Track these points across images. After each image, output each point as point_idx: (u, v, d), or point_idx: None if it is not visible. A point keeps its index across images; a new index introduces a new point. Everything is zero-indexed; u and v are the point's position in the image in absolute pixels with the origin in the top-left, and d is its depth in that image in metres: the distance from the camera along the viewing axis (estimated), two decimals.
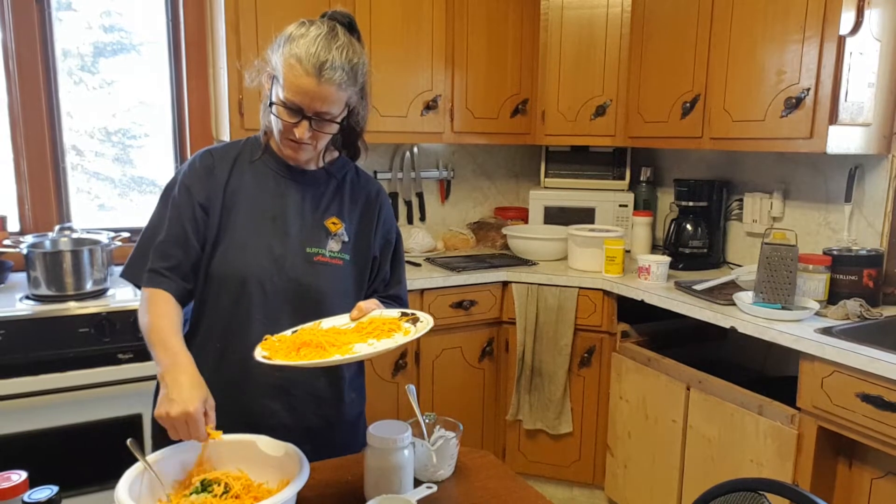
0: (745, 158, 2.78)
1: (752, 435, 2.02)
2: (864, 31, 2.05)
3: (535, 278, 2.66)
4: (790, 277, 2.06)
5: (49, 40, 2.50)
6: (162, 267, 1.29)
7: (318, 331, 1.19)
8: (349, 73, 1.23)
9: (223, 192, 1.33)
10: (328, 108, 1.23)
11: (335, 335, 1.16)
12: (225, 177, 1.34)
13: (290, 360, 1.07)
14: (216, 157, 1.37)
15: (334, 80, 1.20)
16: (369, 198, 1.45)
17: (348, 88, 1.25)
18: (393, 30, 2.67)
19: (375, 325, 1.20)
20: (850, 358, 1.73)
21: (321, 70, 1.19)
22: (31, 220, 2.52)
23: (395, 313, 1.25)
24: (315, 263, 1.34)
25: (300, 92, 1.20)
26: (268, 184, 1.36)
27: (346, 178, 1.44)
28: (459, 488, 1.20)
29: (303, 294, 1.33)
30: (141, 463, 1.02)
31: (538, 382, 2.71)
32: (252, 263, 1.30)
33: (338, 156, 1.44)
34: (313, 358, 1.07)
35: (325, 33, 1.22)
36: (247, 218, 1.33)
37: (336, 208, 1.40)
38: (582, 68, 2.90)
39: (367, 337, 1.15)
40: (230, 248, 1.31)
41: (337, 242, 1.37)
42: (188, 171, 1.35)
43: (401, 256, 1.53)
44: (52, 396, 2.00)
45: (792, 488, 1.15)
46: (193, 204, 1.31)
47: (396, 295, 1.50)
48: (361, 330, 1.19)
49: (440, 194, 3.30)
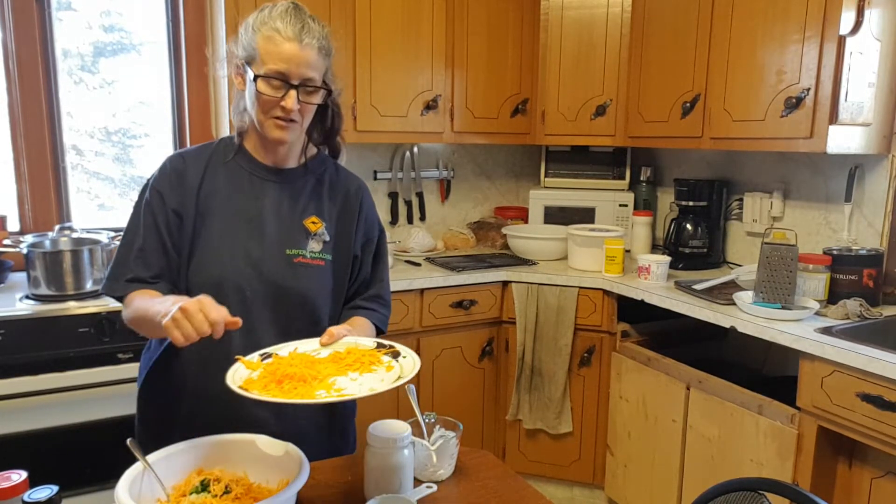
0: (745, 158, 2.78)
1: (752, 435, 2.02)
2: (864, 31, 2.05)
3: (535, 278, 2.66)
4: (790, 277, 2.06)
5: (49, 40, 2.50)
6: (147, 276, 1.26)
7: (296, 359, 1.13)
8: (326, 41, 1.26)
9: (196, 198, 1.30)
10: (311, 73, 1.23)
11: (313, 365, 1.10)
12: (197, 181, 1.31)
13: (273, 396, 1.01)
14: (188, 161, 1.33)
15: (314, 45, 1.22)
16: (349, 195, 1.41)
17: (325, 57, 1.26)
18: (393, 30, 2.67)
19: (354, 356, 1.14)
20: (850, 358, 1.73)
21: (301, 34, 1.21)
22: (31, 219, 2.52)
23: (370, 343, 1.20)
24: (295, 265, 1.31)
25: (283, 59, 1.21)
26: (242, 185, 1.33)
27: (324, 175, 1.40)
28: (459, 488, 1.20)
29: (283, 298, 1.30)
30: (141, 463, 1.02)
31: (538, 382, 2.71)
32: (229, 268, 1.27)
33: (317, 152, 1.41)
34: (297, 394, 1.02)
35: (292, 7, 1.25)
36: (222, 221, 1.29)
37: (315, 207, 1.36)
38: (582, 68, 2.90)
39: (347, 369, 1.11)
40: (206, 254, 1.28)
41: (318, 242, 1.34)
42: (159, 177, 1.32)
43: (383, 255, 1.48)
44: (52, 396, 2.00)
45: (792, 488, 1.15)
46: (167, 210, 1.28)
47: (377, 294, 1.45)
48: (339, 361, 1.13)
49: (440, 194, 3.30)
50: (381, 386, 1.05)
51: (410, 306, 2.56)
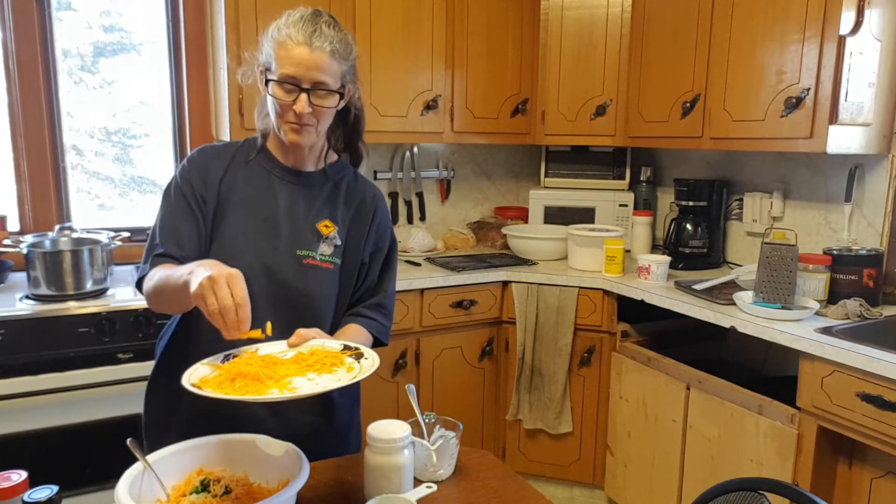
0: (745, 158, 2.78)
1: (752, 435, 2.02)
2: (864, 31, 2.05)
3: (535, 278, 2.66)
4: (790, 277, 2.06)
5: (49, 40, 2.50)
6: (178, 254, 1.27)
7: (256, 359, 1.12)
8: (340, 44, 1.25)
9: (218, 190, 1.33)
10: (323, 76, 1.23)
11: (273, 365, 1.09)
12: (220, 173, 1.34)
13: (222, 393, 0.99)
14: (213, 153, 1.37)
15: (325, 48, 1.22)
16: (364, 202, 1.43)
17: (341, 61, 1.26)
18: (393, 30, 2.67)
19: (317, 357, 1.13)
20: (850, 357, 1.73)
21: (311, 38, 1.22)
22: (31, 219, 2.52)
23: (337, 346, 1.19)
24: (305, 267, 1.33)
25: (294, 63, 1.22)
26: (261, 184, 1.35)
27: (342, 182, 1.43)
28: (459, 488, 1.20)
29: (289, 298, 1.31)
30: (141, 463, 1.02)
31: (538, 382, 2.71)
32: (241, 265, 1.26)
33: (337, 159, 1.44)
34: (248, 391, 1.01)
35: (311, 13, 1.26)
36: (238, 218, 1.32)
37: (329, 211, 1.38)
38: (582, 68, 2.90)
39: (308, 370, 1.09)
40: (221, 248, 1.30)
41: (329, 246, 1.36)
42: (187, 166, 1.35)
43: (392, 265, 1.49)
44: (52, 396, 2.00)
45: (792, 488, 1.15)
46: (196, 196, 1.31)
47: (379, 304, 1.45)
48: (301, 361, 1.12)
49: (440, 194, 3.30)
50: (335, 384, 1.03)
51: (410, 306, 2.56)
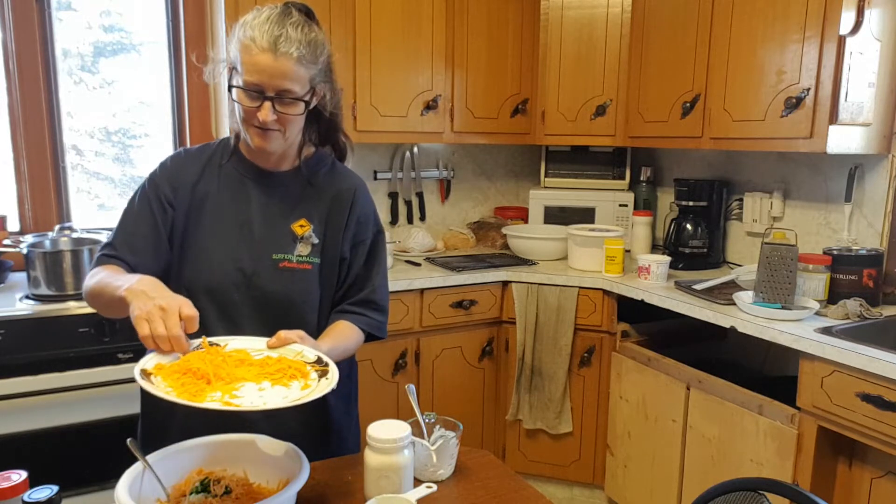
0: (745, 158, 2.78)
1: (752, 435, 2.02)
2: (864, 31, 2.05)
3: (535, 278, 2.66)
4: (790, 277, 2.06)
5: (49, 40, 2.50)
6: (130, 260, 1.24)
7: (217, 355, 1.06)
8: (307, 48, 1.19)
9: (191, 194, 1.30)
10: (289, 84, 1.19)
11: (233, 365, 1.05)
12: (194, 178, 1.32)
13: (161, 392, 0.95)
14: (188, 158, 1.35)
15: (291, 55, 1.17)
16: (339, 193, 1.36)
17: (308, 65, 1.20)
18: (393, 30, 2.67)
19: (281, 366, 1.07)
20: (850, 357, 1.73)
21: (276, 44, 1.16)
22: (31, 219, 2.52)
23: (310, 356, 1.12)
24: (281, 270, 1.29)
25: (257, 70, 1.17)
26: (235, 188, 1.32)
27: (317, 176, 1.36)
28: (459, 488, 1.20)
29: (269, 303, 1.28)
30: (141, 463, 1.02)
31: (538, 382, 2.71)
32: (218, 272, 1.27)
33: (314, 151, 1.39)
34: (188, 391, 0.96)
35: (279, 13, 1.20)
36: (213, 224, 1.29)
37: (304, 209, 1.33)
38: (582, 68, 2.90)
39: (265, 377, 1.04)
40: (197, 257, 1.27)
41: (305, 246, 1.31)
42: (158, 171, 1.33)
43: (378, 257, 1.41)
44: (52, 396, 2.00)
45: (792, 488, 1.15)
46: (162, 201, 1.29)
47: (367, 299, 1.37)
48: (265, 366, 1.07)
49: (440, 194, 3.30)
50: (278, 403, 0.97)
51: (410, 306, 2.56)
